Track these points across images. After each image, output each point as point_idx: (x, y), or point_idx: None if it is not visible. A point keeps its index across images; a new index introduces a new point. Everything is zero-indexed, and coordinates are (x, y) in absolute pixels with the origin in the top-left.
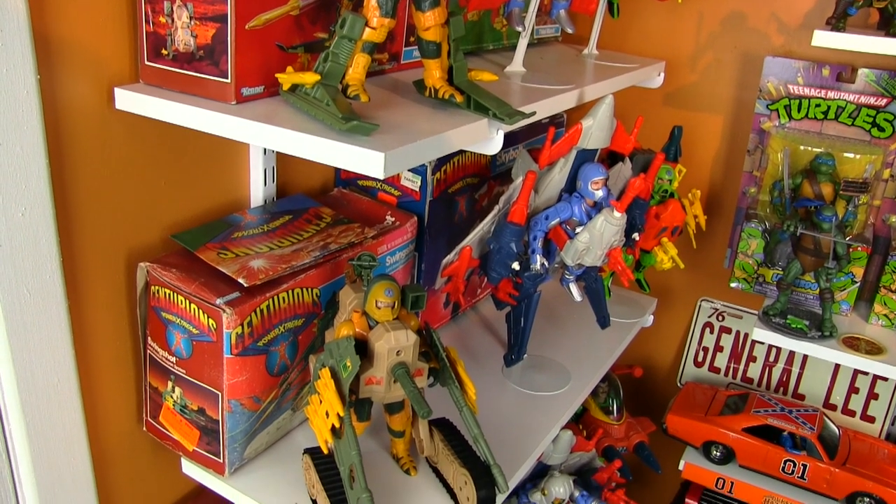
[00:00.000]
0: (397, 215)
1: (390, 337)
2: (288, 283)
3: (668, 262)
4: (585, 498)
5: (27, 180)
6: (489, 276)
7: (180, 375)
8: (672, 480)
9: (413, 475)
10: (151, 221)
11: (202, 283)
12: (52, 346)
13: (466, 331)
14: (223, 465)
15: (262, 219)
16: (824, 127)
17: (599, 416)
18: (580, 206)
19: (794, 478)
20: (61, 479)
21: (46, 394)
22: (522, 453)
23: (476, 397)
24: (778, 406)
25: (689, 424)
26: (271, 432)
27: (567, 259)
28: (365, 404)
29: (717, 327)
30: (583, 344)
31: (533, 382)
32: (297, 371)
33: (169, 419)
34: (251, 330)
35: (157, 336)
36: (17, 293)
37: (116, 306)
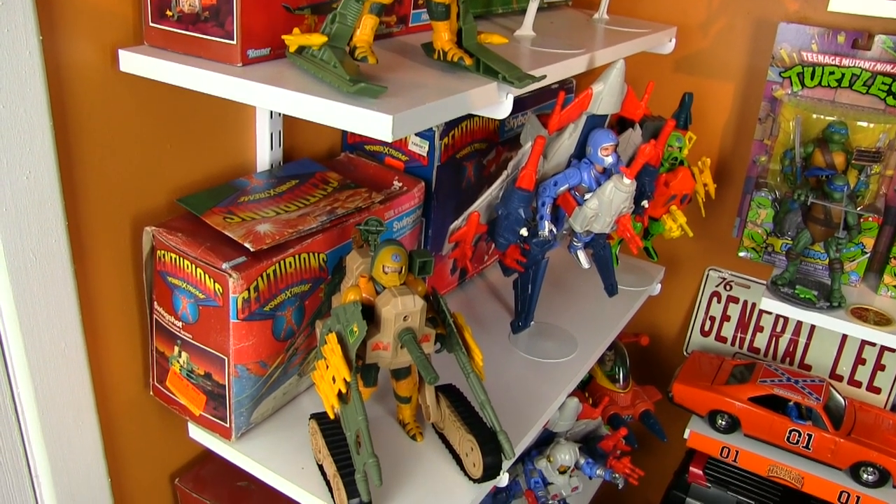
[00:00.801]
0: (405, 180)
1: (397, 302)
2: (294, 247)
3: (676, 231)
4: (591, 465)
5: (31, 143)
6: (497, 242)
7: (187, 340)
8: (677, 449)
9: (419, 441)
10: (157, 185)
11: (208, 247)
12: (59, 311)
13: (473, 297)
14: (230, 429)
15: (269, 183)
16: (838, 95)
17: (605, 384)
18: (589, 172)
19: (798, 447)
20: (70, 443)
21: (54, 358)
22: (528, 420)
23: (483, 364)
24: (784, 376)
25: (695, 393)
26: (278, 397)
27: (575, 226)
28: (371, 370)
29: (725, 297)
30: (590, 312)
31: (540, 349)
32: (304, 336)
33: (175, 384)
34: (257, 295)
35: (164, 301)
36: (23, 257)
37: (122, 271)
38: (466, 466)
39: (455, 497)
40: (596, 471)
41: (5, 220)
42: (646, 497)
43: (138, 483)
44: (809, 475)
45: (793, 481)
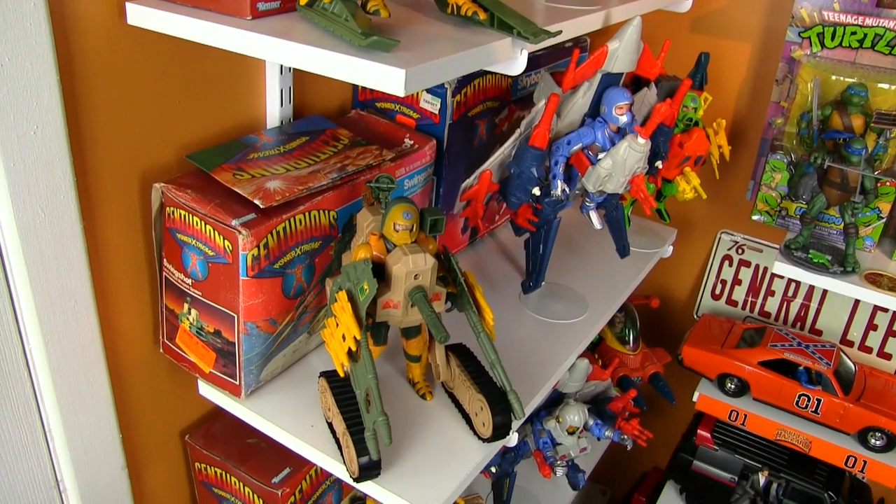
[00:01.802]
0: (416, 138)
1: (408, 260)
2: (304, 205)
3: (690, 193)
4: (600, 426)
5: (38, 98)
6: (509, 201)
7: (196, 297)
8: (685, 411)
9: (429, 400)
10: (165, 141)
11: (218, 204)
12: (69, 267)
13: (484, 257)
14: (239, 387)
15: (279, 140)
16: (859, 56)
17: (615, 346)
18: (603, 131)
19: (807, 412)
20: (81, 399)
21: (64, 315)
22: (538, 381)
23: (494, 323)
24: (795, 341)
25: (705, 356)
26: (287, 355)
27: (588, 185)
28: (381, 328)
29: (737, 260)
30: (601, 273)
31: (550, 310)
32: (314, 294)
33: (185, 341)
34: (267, 252)
35: (173, 258)
36: (32, 213)
37: (131, 227)
38: (476, 426)
39: (464, 456)
40: (605, 432)
41: (13, 175)
42: (653, 459)
43: (149, 439)
44: (817, 439)
45: (800, 445)
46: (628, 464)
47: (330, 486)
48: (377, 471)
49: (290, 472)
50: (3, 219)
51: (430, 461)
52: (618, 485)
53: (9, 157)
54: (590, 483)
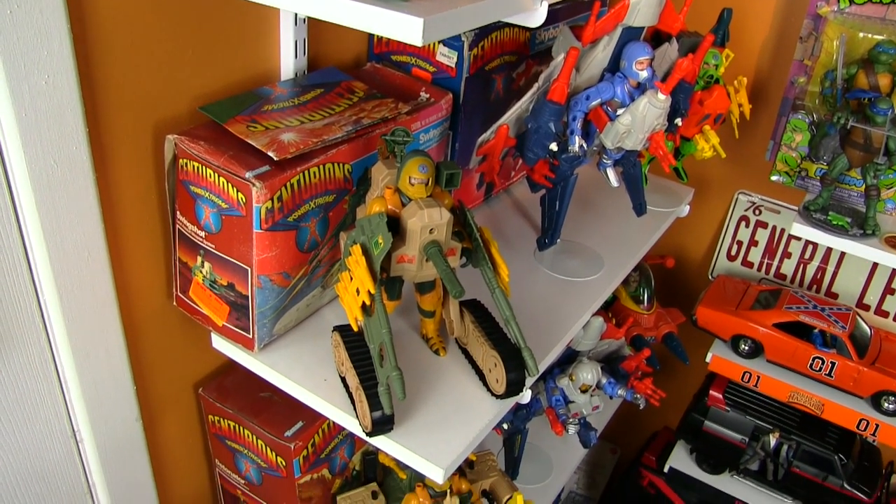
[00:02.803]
0: (432, 92)
1: (423, 214)
2: (319, 157)
3: (709, 151)
4: (612, 385)
5: (49, 46)
6: (525, 156)
7: (209, 250)
8: (698, 372)
9: (442, 356)
10: (178, 93)
11: (231, 156)
12: (82, 219)
13: (499, 213)
14: (252, 340)
15: (293, 92)
16: (889, 12)
17: (629, 305)
18: (623, 86)
19: (821, 375)
20: (96, 352)
21: (78, 267)
22: (552, 338)
23: (509, 279)
24: (811, 303)
25: (719, 317)
26: (301, 309)
27: (607, 141)
28: (396, 283)
29: (753, 221)
30: (617, 231)
31: (565, 268)
32: (328, 248)
33: (198, 294)
34: (281, 205)
35: (186, 210)
36: (44, 164)
37: (144, 179)
38: (489, 382)
39: (477, 412)
40: (617, 390)
41: (25, 125)
42: (664, 419)
43: (163, 392)
44: (830, 402)
45: (813, 408)
46: (639, 423)
47: (342, 441)
48: (390, 425)
49: (302, 425)
50: (16, 170)
51: (442, 417)
52: (628, 444)
53: (20, 106)
54: (600, 442)
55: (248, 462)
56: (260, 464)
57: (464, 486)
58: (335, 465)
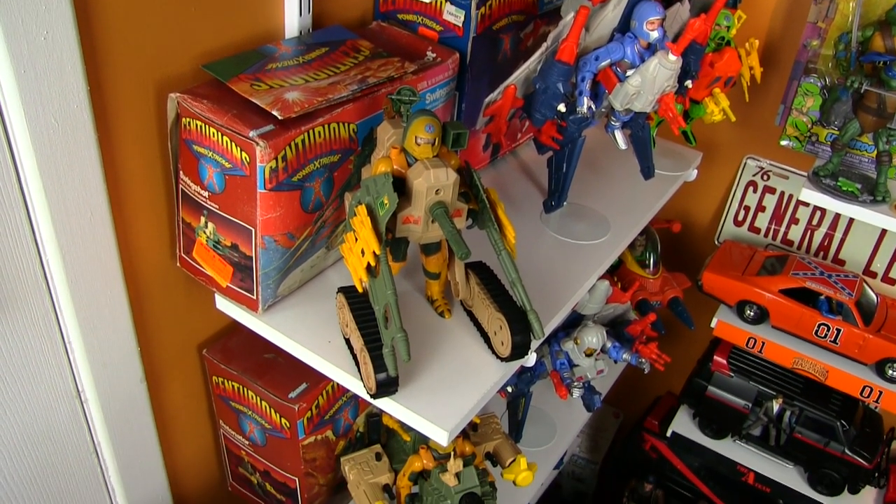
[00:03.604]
0: (439, 51)
1: (430, 175)
2: (324, 116)
3: (718, 115)
4: (617, 349)
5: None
6: (533, 117)
7: (213, 210)
8: (702, 338)
9: (447, 318)
10: (181, 50)
11: (235, 114)
12: (84, 178)
13: (505, 175)
14: (256, 301)
15: (298, 50)
16: None
17: (635, 270)
18: (633, 47)
19: (826, 341)
20: (99, 312)
21: (80, 227)
22: (558, 301)
23: (515, 241)
24: (817, 270)
25: (725, 283)
26: (305, 270)
27: (615, 103)
28: (401, 244)
29: (761, 186)
30: (624, 194)
31: (571, 231)
32: (332, 209)
33: (202, 255)
34: (285, 164)
35: (189, 170)
36: (45, 122)
37: (147, 139)
38: (494, 345)
39: (482, 375)
40: (622, 355)
41: (24, 82)
42: (667, 384)
43: (167, 353)
44: (834, 369)
45: (817, 374)
46: (642, 388)
47: (346, 402)
48: (394, 387)
49: (306, 387)
50: (17, 128)
51: (447, 379)
52: (630, 408)
53: (19, 63)
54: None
55: (252, 423)
56: (264, 425)
57: (467, 449)
58: (339, 427)
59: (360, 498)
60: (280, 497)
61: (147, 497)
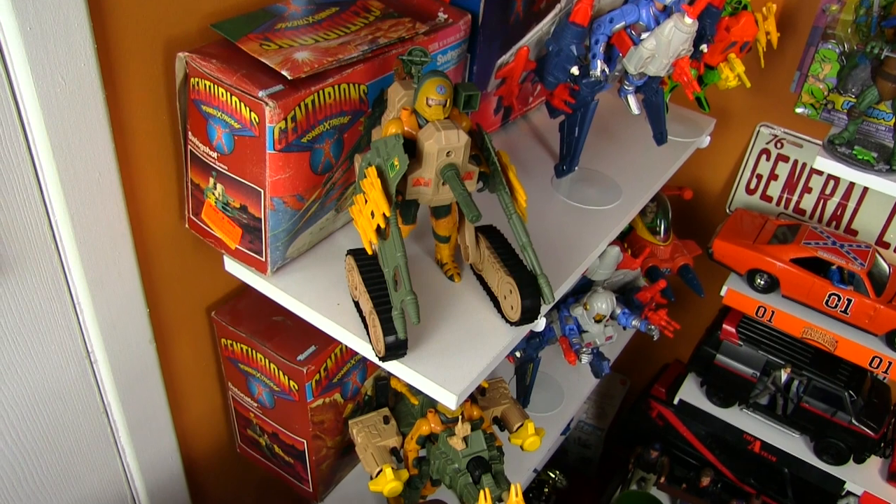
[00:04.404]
0: (450, 12)
1: (441, 136)
2: (334, 77)
3: (733, 80)
4: (627, 315)
5: None
6: (545, 80)
7: (222, 172)
8: (711, 305)
9: (457, 282)
10: (189, 9)
11: (244, 74)
12: (92, 138)
13: (516, 139)
14: (265, 263)
15: (308, 10)
16: None
17: (646, 236)
18: (648, 9)
19: (836, 311)
20: (108, 273)
21: (88, 187)
22: (568, 266)
23: (526, 205)
24: (830, 239)
25: (736, 251)
26: (314, 232)
27: (629, 67)
28: (411, 206)
29: (774, 155)
30: (635, 160)
31: (582, 196)
32: (342, 171)
33: (211, 217)
34: (295, 125)
35: (198, 131)
36: (52, 81)
37: (155, 99)
38: (504, 309)
39: (491, 339)
40: (632, 321)
41: (31, 40)
42: (674, 352)
43: (176, 314)
44: (844, 339)
45: (826, 344)
46: (649, 356)
47: (355, 365)
48: (404, 350)
49: (315, 349)
50: (24, 87)
51: (456, 343)
52: (638, 376)
53: (25, 21)
54: (610, 373)
55: (260, 385)
56: (272, 387)
57: (475, 413)
58: (347, 390)
59: (367, 461)
60: (288, 459)
61: (157, 457)
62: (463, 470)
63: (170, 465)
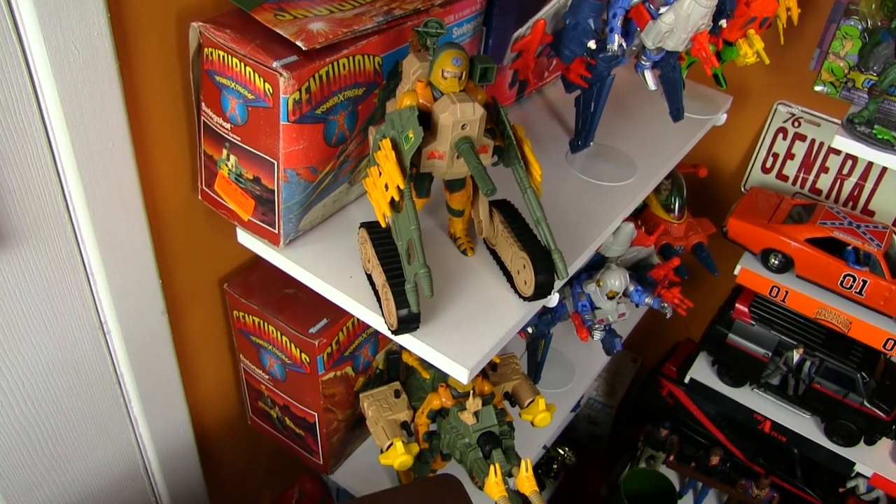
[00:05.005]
0: None
1: (456, 109)
2: (349, 48)
3: (752, 57)
4: (640, 293)
5: None
6: (562, 54)
7: (235, 143)
8: (723, 285)
9: (470, 256)
10: None
11: (258, 44)
12: (104, 108)
13: (531, 114)
14: (278, 235)
15: None
16: None
17: (660, 214)
18: None
19: (851, 292)
20: (121, 244)
21: (102, 158)
22: (582, 242)
23: (541, 179)
24: (846, 220)
25: (751, 230)
26: (327, 205)
27: (647, 41)
28: (425, 179)
29: (791, 133)
30: (651, 136)
31: (597, 172)
32: (356, 143)
33: (224, 188)
34: (309, 96)
35: (211, 101)
36: (66, 50)
37: (168, 69)
38: (517, 284)
39: (503, 313)
40: (645, 298)
41: (44, 9)
42: (686, 331)
43: (188, 286)
44: (858, 321)
45: (840, 325)
46: (660, 334)
47: (366, 339)
48: (416, 324)
49: (327, 322)
50: (37, 57)
51: (468, 317)
52: (648, 354)
53: None
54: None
55: (272, 358)
56: (284, 360)
57: (486, 388)
58: (359, 364)
59: (378, 434)
60: (299, 431)
61: (169, 428)
62: (473, 445)
63: (181, 435)
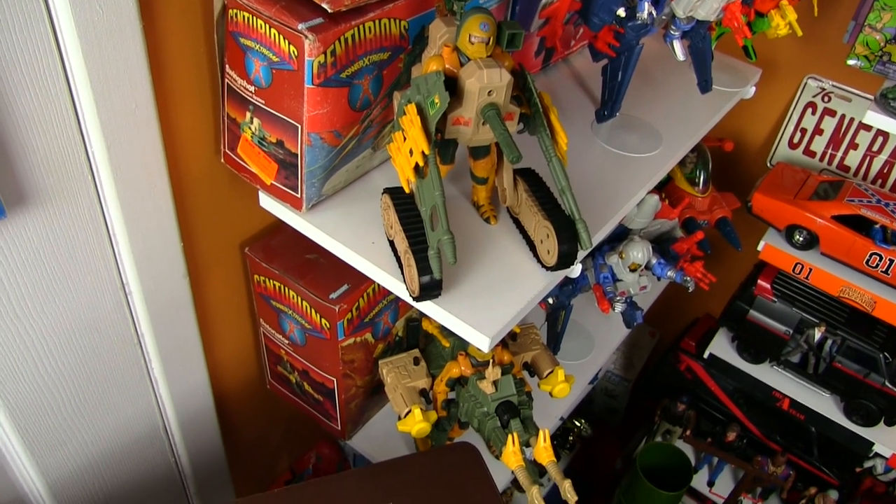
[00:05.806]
0: None
1: (483, 75)
2: (375, 11)
3: (784, 29)
4: (662, 266)
5: None
6: (590, 21)
7: (259, 106)
8: (746, 260)
9: (493, 224)
10: None
11: (283, 6)
12: (128, 69)
13: (557, 83)
14: (301, 200)
15: None
16: None
17: (684, 187)
18: None
19: (876, 271)
20: (143, 205)
21: (125, 119)
22: (606, 213)
23: (567, 148)
24: (874, 197)
25: (776, 205)
26: (350, 170)
27: (678, 10)
28: (449, 146)
29: (821, 108)
30: (678, 108)
31: (622, 142)
32: (380, 108)
33: (247, 151)
34: (334, 60)
35: (236, 64)
36: (90, 10)
37: (192, 30)
38: (540, 253)
39: (525, 282)
40: (667, 272)
41: None
42: (706, 306)
43: (210, 250)
44: (883, 300)
45: (864, 304)
46: (679, 309)
47: (387, 306)
48: (438, 291)
49: (348, 288)
50: (62, 15)
51: (490, 286)
52: (667, 328)
53: None
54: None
55: (292, 323)
56: (304, 325)
57: (506, 358)
58: (378, 330)
59: (396, 401)
60: (318, 397)
61: (188, 390)
62: (492, 414)
63: (201, 397)
